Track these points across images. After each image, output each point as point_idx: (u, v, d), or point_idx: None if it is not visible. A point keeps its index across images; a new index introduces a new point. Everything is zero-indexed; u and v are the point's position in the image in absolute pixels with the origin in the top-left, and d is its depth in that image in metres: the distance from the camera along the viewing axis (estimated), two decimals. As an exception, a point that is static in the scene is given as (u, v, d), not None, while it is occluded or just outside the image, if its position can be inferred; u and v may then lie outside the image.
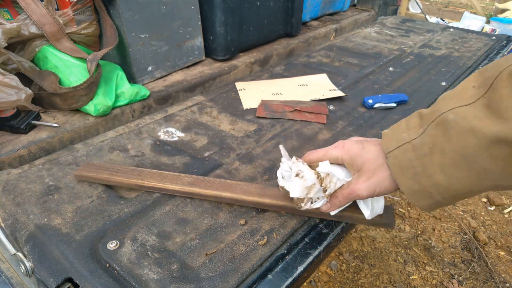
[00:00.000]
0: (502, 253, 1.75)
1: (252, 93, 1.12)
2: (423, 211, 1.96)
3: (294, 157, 0.60)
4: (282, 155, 0.62)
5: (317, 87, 1.17)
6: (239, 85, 1.17)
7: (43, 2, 0.90)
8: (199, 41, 1.22)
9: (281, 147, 0.63)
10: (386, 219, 0.62)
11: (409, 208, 2.00)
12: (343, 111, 1.03)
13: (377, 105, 1.03)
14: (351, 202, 0.58)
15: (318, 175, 0.56)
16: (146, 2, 1.02)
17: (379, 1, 1.96)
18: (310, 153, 0.59)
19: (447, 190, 0.46)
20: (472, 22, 3.52)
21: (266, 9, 1.34)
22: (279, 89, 1.15)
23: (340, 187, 0.56)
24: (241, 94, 1.12)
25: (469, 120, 0.43)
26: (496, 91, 0.41)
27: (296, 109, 1.01)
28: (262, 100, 1.06)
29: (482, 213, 1.99)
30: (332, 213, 0.59)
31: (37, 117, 0.88)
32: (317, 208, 0.59)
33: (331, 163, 0.57)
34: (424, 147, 0.47)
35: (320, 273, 1.63)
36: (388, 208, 0.63)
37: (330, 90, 1.13)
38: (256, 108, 1.04)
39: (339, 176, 0.56)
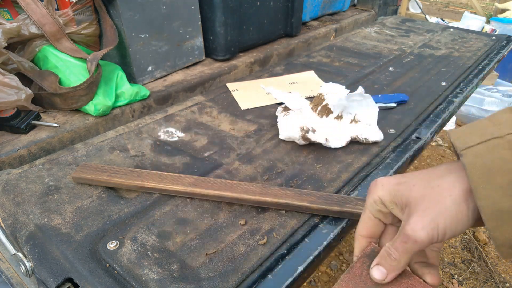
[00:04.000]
0: (502, 253, 1.75)
1: (247, 94, 1.13)
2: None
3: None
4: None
5: (308, 84, 1.19)
6: (231, 86, 1.17)
7: (43, 2, 0.90)
8: (199, 41, 1.22)
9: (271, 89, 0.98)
10: None
11: (409, 208, 2.00)
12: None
13: (377, 105, 1.03)
14: (411, 255, 0.38)
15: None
16: (146, 2, 1.02)
17: (379, 1, 1.96)
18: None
19: None
20: (472, 22, 3.52)
21: (266, 9, 1.34)
22: (271, 89, 1.16)
23: (391, 242, 0.40)
24: (235, 94, 1.12)
25: None
26: None
27: None
28: None
29: (482, 213, 1.99)
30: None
31: (37, 117, 0.88)
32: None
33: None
34: None
35: (320, 273, 1.63)
36: None
37: (320, 86, 1.14)
38: (254, 108, 1.04)
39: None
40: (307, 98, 1.05)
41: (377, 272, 0.40)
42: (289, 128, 0.85)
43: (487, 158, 0.33)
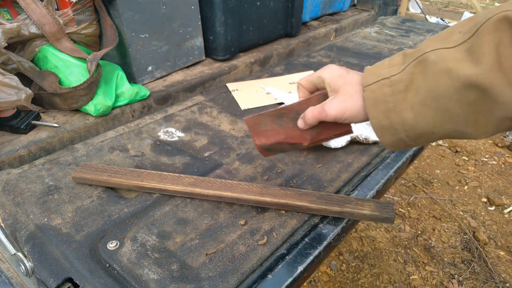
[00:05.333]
0: (502, 253, 1.75)
1: (247, 93, 1.13)
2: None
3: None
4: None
5: None
6: (231, 86, 1.17)
7: (43, 2, 0.90)
8: (199, 41, 1.22)
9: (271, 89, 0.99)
10: (386, 214, 0.63)
11: (409, 208, 2.00)
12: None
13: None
14: (318, 121, 0.56)
15: None
16: (146, 2, 1.02)
17: (379, 1, 1.96)
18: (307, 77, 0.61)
19: (412, 128, 0.48)
20: (472, 22, 3.51)
21: (266, 9, 1.34)
22: (271, 89, 1.16)
23: (313, 107, 0.57)
24: (235, 95, 1.12)
25: (447, 61, 0.43)
26: (479, 36, 0.42)
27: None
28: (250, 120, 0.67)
29: (482, 213, 1.99)
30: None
31: (37, 117, 0.88)
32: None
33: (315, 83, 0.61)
34: (401, 84, 0.48)
35: (320, 273, 1.63)
36: (387, 203, 0.65)
37: None
38: (254, 108, 1.04)
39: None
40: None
41: (299, 122, 0.59)
42: None
43: (376, 93, 0.49)
